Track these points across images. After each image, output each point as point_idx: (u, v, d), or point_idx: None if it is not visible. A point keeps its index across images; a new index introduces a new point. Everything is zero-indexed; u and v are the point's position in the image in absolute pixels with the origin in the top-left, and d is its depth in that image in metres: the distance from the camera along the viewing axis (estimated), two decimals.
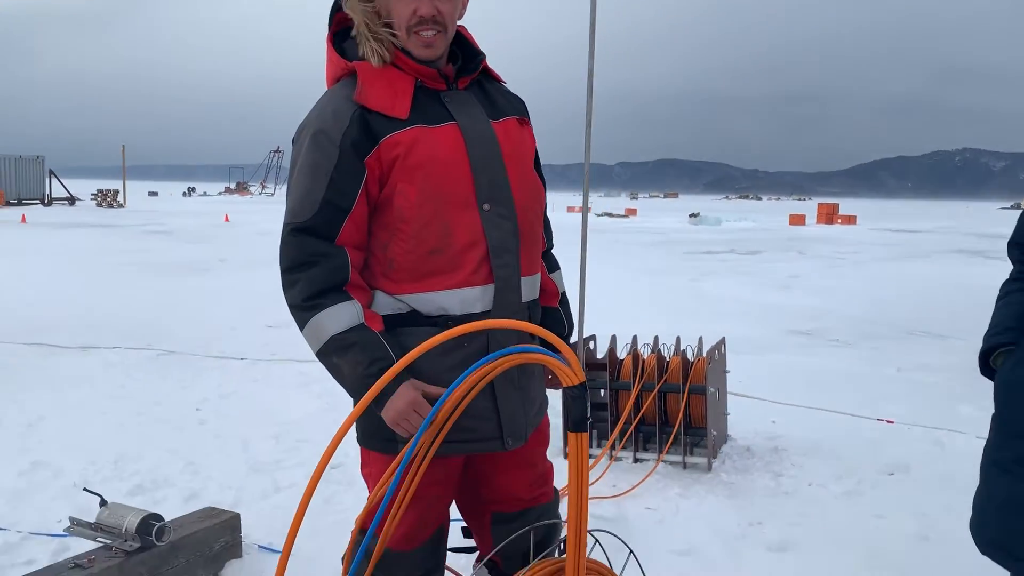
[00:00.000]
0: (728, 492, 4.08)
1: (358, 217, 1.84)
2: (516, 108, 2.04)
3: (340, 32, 1.95)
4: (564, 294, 2.23)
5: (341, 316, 1.80)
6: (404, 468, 1.73)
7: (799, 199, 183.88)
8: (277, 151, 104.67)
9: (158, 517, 2.93)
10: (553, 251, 2.27)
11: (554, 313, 2.16)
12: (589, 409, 1.55)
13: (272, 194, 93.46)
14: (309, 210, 1.82)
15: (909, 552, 3.42)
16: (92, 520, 2.96)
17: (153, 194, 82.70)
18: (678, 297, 11.67)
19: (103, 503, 3.00)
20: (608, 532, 1.77)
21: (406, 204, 1.82)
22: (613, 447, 4.46)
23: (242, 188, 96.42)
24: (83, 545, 3.00)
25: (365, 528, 1.85)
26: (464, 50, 1.98)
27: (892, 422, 5.40)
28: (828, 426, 5.26)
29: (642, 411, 4.45)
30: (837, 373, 7.09)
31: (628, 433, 4.46)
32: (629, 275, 14.69)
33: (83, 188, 61.92)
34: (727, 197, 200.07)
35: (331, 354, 1.84)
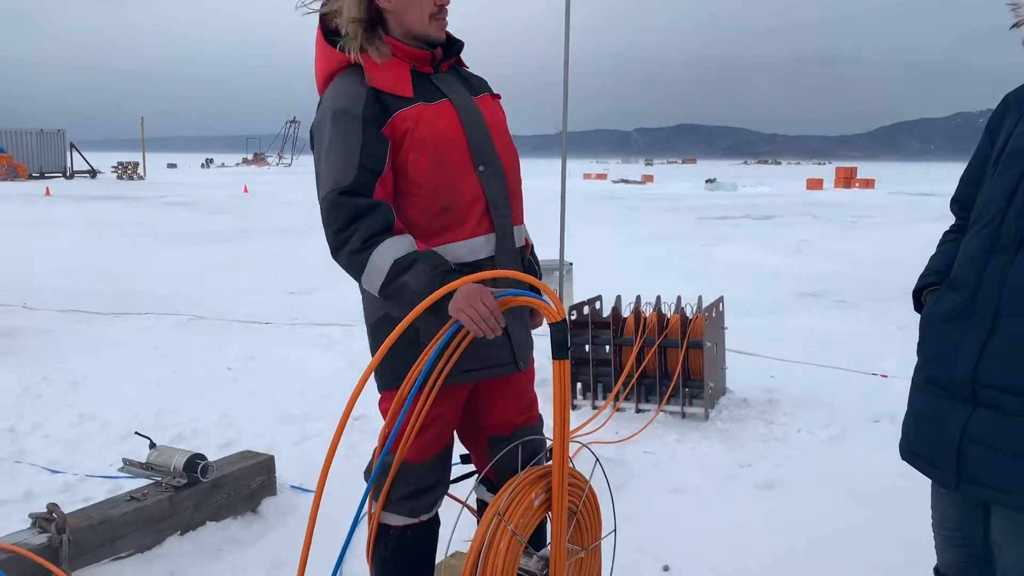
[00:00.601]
0: (722, 438, 4.39)
1: (387, 180, 2.10)
2: (486, 86, 2.36)
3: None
4: (532, 245, 2.52)
5: (399, 244, 2.03)
6: (416, 395, 2.03)
7: (819, 163, 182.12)
8: (293, 121, 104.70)
9: (202, 456, 3.28)
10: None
11: (528, 262, 2.46)
12: (569, 340, 1.83)
13: (289, 164, 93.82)
14: (349, 175, 2.04)
15: (885, 489, 3.71)
16: (143, 461, 3.31)
17: (172, 166, 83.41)
18: (689, 262, 11.93)
19: (152, 445, 3.35)
20: (579, 442, 2.07)
21: (419, 171, 2.10)
22: (616, 398, 4.77)
23: (259, 159, 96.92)
24: (135, 484, 3.36)
25: (383, 445, 2.17)
26: (448, 38, 2.28)
27: (886, 376, 5.67)
28: (823, 380, 5.54)
29: (643, 365, 4.75)
30: (839, 332, 7.35)
31: (631, 385, 4.77)
32: (642, 241, 14.94)
33: (103, 161, 62.66)
34: (745, 162, 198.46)
35: (397, 276, 2.01)
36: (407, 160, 2.11)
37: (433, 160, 2.10)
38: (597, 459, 2.17)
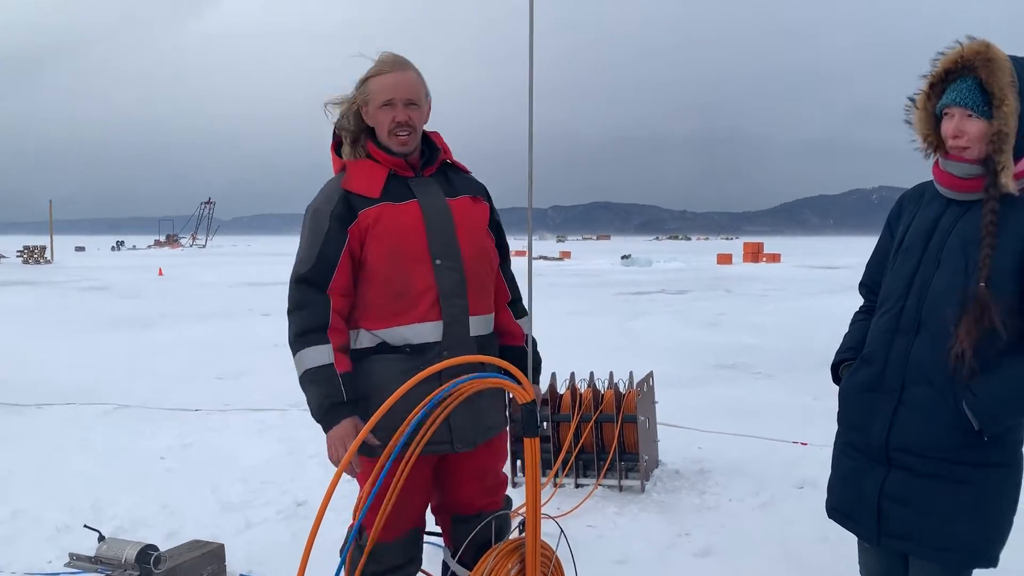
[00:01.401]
0: (659, 509, 4.58)
1: (343, 268, 2.45)
2: (472, 189, 2.66)
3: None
4: (528, 335, 2.78)
5: (315, 356, 2.41)
6: (379, 471, 2.22)
7: (726, 238, 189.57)
8: (208, 202, 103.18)
9: (154, 548, 3.28)
10: (522, 302, 2.82)
11: (518, 351, 2.72)
12: (539, 418, 2.01)
13: (203, 246, 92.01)
14: (308, 263, 2.46)
15: (813, 551, 3.95)
16: (91, 555, 3.28)
17: (80, 249, 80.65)
18: (612, 336, 12.28)
19: (101, 538, 3.32)
20: (548, 516, 2.23)
21: (376, 260, 2.44)
22: (556, 474, 4.92)
23: (172, 240, 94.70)
24: None
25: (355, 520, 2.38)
26: (430, 148, 2.62)
27: (806, 444, 5.99)
28: (749, 450, 5.82)
29: (581, 441, 4.94)
30: (758, 403, 7.71)
31: (570, 462, 4.94)
32: (565, 316, 15.28)
33: (7, 245, 60.24)
34: (657, 238, 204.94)
35: (304, 382, 2.44)
36: (368, 251, 2.45)
37: (390, 251, 2.43)
38: (562, 531, 2.33)
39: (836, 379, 2.50)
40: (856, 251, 71.69)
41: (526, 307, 2.79)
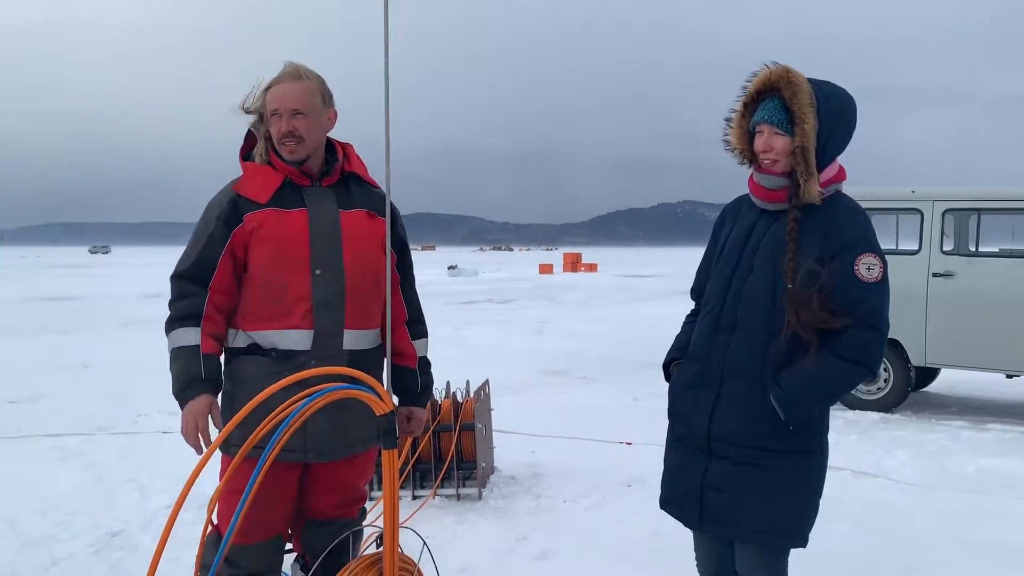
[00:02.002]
0: (496, 515, 4.62)
1: (223, 268, 2.49)
2: (371, 204, 2.62)
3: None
4: (424, 358, 2.80)
5: (184, 336, 2.46)
6: (232, 470, 2.14)
7: (547, 249, 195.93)
8: None
9: None
10: (421, 323, 2.83)
11: (407, 372, 2.73)
12: (396, 432, 1.98)
13: None
14: (188, 262, 2.50)
15: (645, 547, 4.14)
16: None
17: None
18: (443, 345, 12.23)
19: None
20: (408, 528, 2.19)
21: (255, 264, 2.47)
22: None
23: None
24: None
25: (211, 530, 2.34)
26: (335, 159, 2.62)
27: (630, 443, 6.26)
28: (578, 451, 6.01)
29: (418, 451, 4.89)
30: (585, 406, 7.98)
31: (406, 473, 4.88)
32: None
33: None
34: (481, 249, 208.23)
35: (170, 364, 2.46)
36: (251, 255, 2.46)
37: (269, 256, 2.45)
38: (424, 542, 2.29)
39: (667, 377, 2.65)
40: (664, 261, 76.28)
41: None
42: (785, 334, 2.25)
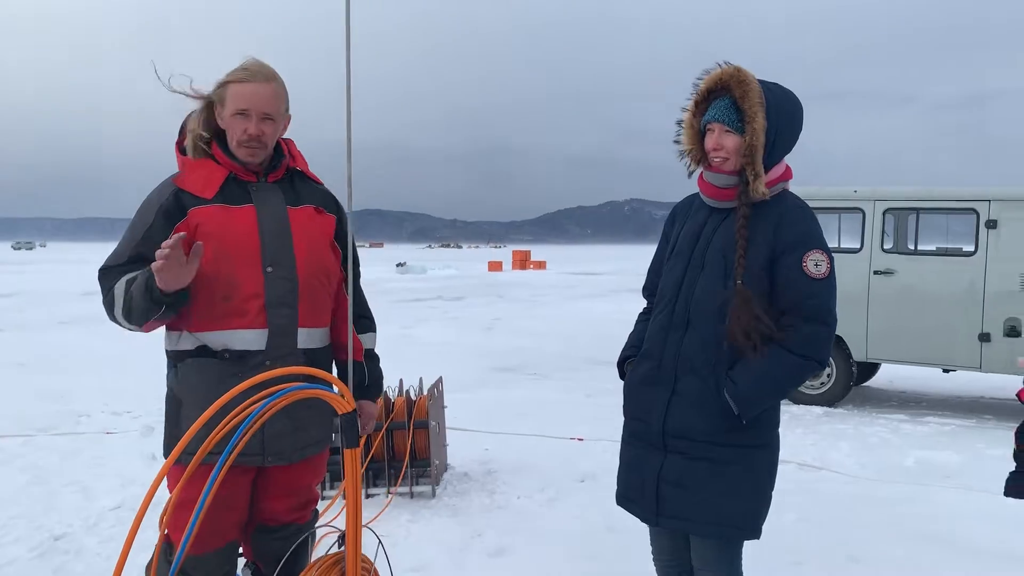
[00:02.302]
0: (451, 512, 4.62)
1: None
2: (319, 200, 2.56)
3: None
4: (370, 351, 2.72)
5: (127, 273, 2.32)
6: (186, 478, 2.00)
7: (496, 247, 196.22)
8: None
9: None
10: (367, 319, 2.76)
11: (358, 366, 2.63)
12: (360, 428, 1.96)
13: None
14: (121, 257, 2.36)
15: (599, 542, 4.18)
16: None
17: None
18: (393, 343, 12.18)
19: None
20: (369, 528, 2.18)
21: (203, 261, 2.28)
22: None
23: None
24: None
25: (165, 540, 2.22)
26: (279, 155, 2.52)
27: (582, 439, 6.32)
28: (531, 448, 6.04)
29: (372, 450, 4.85)
30: (537, 402, 8.03)
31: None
32: None
33: None
34: (430, 246, 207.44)
35: (128, 291, 2.27)
36: None
37: (216, 253, 2.31)
38: (380, 541, 2.28)
39: (622, 375, 2.68)
40: (611, 258, 77.02)
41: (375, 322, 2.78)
42: (732, 331, 2.29)
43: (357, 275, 2.70)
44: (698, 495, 2.37)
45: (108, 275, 2.36)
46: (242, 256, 2.34)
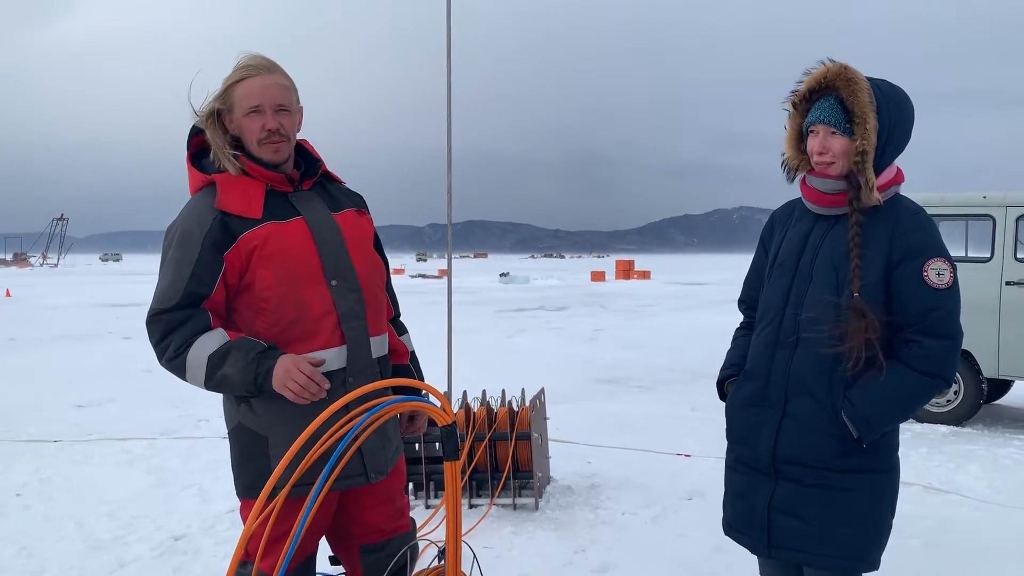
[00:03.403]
0: (554, 526, 4.56)
1: (216, 301, 2.20)
2: (354, 202, 2.47)
3: (197, 152, 2.34)
4: (413, 353, 2.64)
5: (211, 339, 2.14)
6: (271, 504, 1.97)
7: (598, 256, 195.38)
8: (61, 218, 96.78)
9: None
10: (401, 318, 2.68)
11: (405, 370, 2.57)
12: (459, 441, 1.92)
13: (55, 265, 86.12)
14: (173, 298, 2.17)
15: (707, 562, 4.03)
16: None
17: None
18: (496, 353, 12.28)
19: None
20: (466, 543, 2.15)
21: (264, 285, 2.19)
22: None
23: (21, 259, 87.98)
24: None
25: (244, 559, 2.11)
26: (306, 159, 2.39)
27: (689, 456, 6.15)
28: (636, 463, 5.92)
29: (475, 460, 4.86)
30: (641, 416, 7.87)
31: (463, 481, 4.85)
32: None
33: None
34: (533, 256, 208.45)
35: (215, 369, 2.12)
36: (254, 277, 2.20)
37: (279, 275, 2.19)
38: (475, 556, 2.25)
39: (722, 396, 2.53)
40: (719, 268, 75.26)
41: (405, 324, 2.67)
42: (851, 347, 2.13)
43: (390, 276, 2.60)
44: (814, 525, 2.21)
45: (162, 322, 2.17)
46: (305, 274, 2.21)
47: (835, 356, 2.17)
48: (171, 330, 2.15)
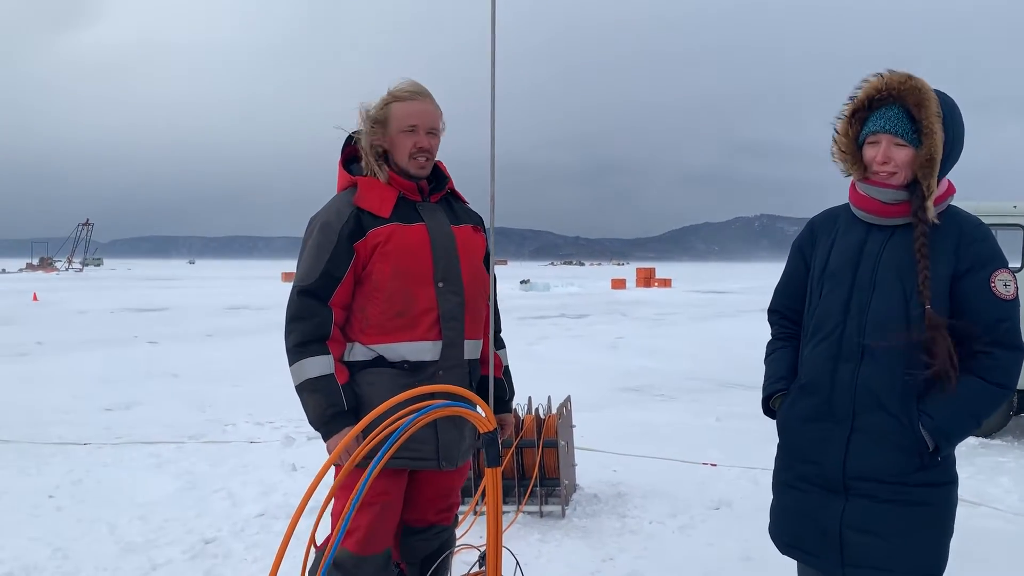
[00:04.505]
0: (581, 534, 4.56)
1: (346, 284, 2.53)
2: (473, 220, 2.78)
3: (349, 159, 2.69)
4: (507, 367, 2.92)
5: (317, 365, 2.46)
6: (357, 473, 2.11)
7: (619, 264, 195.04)
8: (86, 223, 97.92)
9: None
10: (501, 334, 2.92)
11: (499, 381, 2.83)
12: (500, 449, 1.96)
13: (80, 270, 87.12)
14: (312, 276, 2.51)
15: (735, 572, 4.02)
16: None
17: None
18: (518, 360, 12.22)
19: None
20: (508, 550, 2.17)
21: (382, 278, 2.51)
22: (478, 503, 4.84)
23: (47, 264, 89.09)
24: None
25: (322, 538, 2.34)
26: (437, 176, 2.72)
27: (715, 465, 6.13)
28: (662, 471, 5.90)
29: (502, 467, 4.87)
30: (665, 424, 7.85)
31: (481, 488, 4.86)
32: None
33: None
34: (552, 263, 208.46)
35: (304, 391, 2.48)
36: (373, 268, 2.51)
37: (395, 270, 2.50)
38: (517, 562, 2.27)
39: (768, 411, 2.49)
40: (741, 276, 74.88)
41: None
42: (928, 359, 2.10)
43: (496, 294, 2.80)
44: (891, 541, 2.16)
45: (298, 303, 2.50)
46: (417, 273, 2.51)
47: (905, 368, 2.14)
48: (298, 317, 2.49)
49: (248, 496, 5.24)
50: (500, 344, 2.89)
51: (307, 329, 2.48)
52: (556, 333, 17.63)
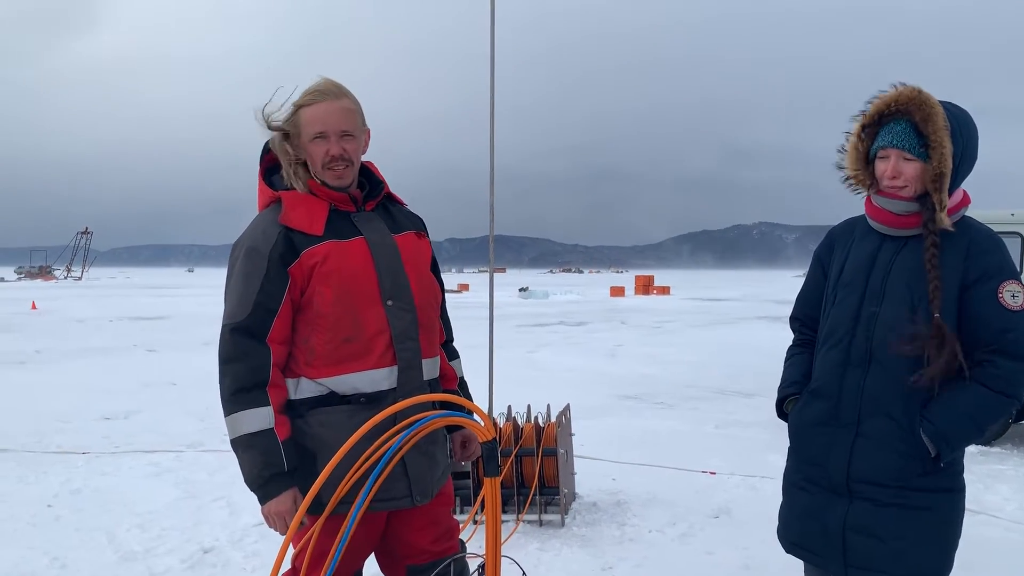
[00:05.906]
0: (581, 543, 4.56)
1: (284, 316, 2.24)
2: (414, 224, 2.49)
3: (268, 168, 2.40)
4: (462, 379, 2.66)
5: (253, 419, 2.18)
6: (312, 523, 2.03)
7: (617, 271, 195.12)
8: (85, 231, 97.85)
9: None
10: (453, 343, 2.67)
11: (455, 394, 2.55)
12: (499, 458, 1.94)
13: (79, 278, 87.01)
14: (244, 311, 2.22)
15: None
16: None
17: None
18: (517, 368, 12.26)
19: None
20: (509, 558, 2.17)
21: (323, 302, 2.23)
22: (477, 512, 4.83)
23: (45, 272, 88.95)
24: None
25: None
26: (370, 180, 2.44)
27: (714, 473, 6.12)
28: (661, 480, 5.90)
29: (501, 475, 4.86)
30: (664, 432, 7.85)
31: (481, 497, 4.85)
32: (469, 350, 15.15)
33: None
34: (551, 271, 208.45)
35: (238, 448, 2.21)
36: (313, 293, 2.24)
37: (337, 293, 2.23)
38: (523, 571, 2.27)
39: (781, 415, 2.53)
40: (740, 284, 74.93)
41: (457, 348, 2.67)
42: (934, 370, 2.13)
43: (444, 299, 2.61)
44: (891, 544, 2.19)
45: (231, 343, 2.22)
46: (362, 293, 2.25)
47: (909, 375, 2.17)
48: (232, 359, 2.20)
49: (247, 505, 5.22)
50: (454, 354, 2.63)
51: (241, 373, 2.18)
52: (555, 341, 17.63)
